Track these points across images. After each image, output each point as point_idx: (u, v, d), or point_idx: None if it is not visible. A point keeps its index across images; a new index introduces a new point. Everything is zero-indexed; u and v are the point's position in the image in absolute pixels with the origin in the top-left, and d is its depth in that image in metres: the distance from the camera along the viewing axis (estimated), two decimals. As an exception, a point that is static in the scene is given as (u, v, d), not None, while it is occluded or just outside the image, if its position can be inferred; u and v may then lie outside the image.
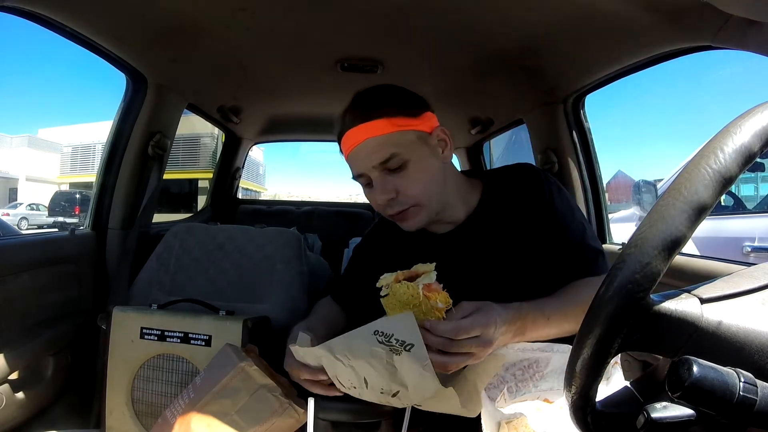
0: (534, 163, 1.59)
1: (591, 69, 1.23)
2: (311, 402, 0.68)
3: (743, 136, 0.32)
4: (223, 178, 2.46)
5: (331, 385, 0.64)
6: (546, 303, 0.66)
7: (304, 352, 0.62)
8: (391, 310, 0.60)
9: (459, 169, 0.86)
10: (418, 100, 0.77)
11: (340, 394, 0.65)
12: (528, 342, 0.65)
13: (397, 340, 0.55)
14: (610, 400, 0.39)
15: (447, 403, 0.58)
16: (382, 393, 0.60)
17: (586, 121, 1.46)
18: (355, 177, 0.77)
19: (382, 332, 0.56)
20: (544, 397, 0.64)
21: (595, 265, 0.72)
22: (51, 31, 1.01)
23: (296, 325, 0.79)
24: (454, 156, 2.57)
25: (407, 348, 0.55)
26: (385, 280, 0.61)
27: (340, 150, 0.79)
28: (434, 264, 0.61)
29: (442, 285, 0.59)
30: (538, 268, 0.74)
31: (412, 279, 0.60)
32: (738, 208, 2.75)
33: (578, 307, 0.65)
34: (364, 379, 0.59)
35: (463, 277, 0.73)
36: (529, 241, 0.76)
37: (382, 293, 0.61)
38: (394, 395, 0.59)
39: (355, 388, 0.62)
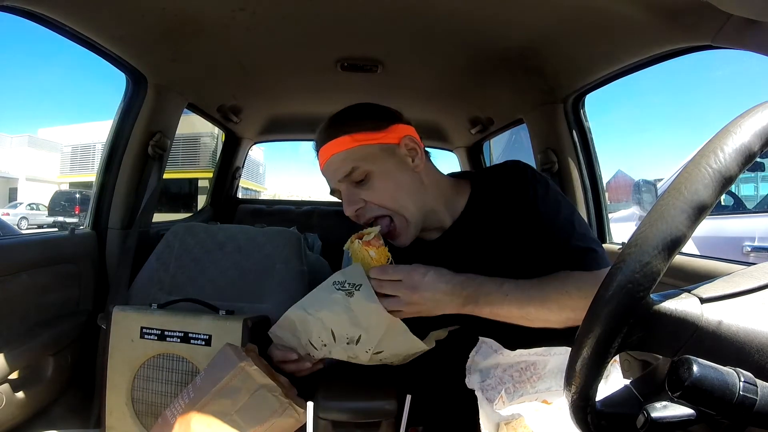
0: (534, 163, 1.60)
1: (591, 69, 1.23)
2: (310, 404, 0.68)
3: (743, 136, 0.32)
4: (223, 177, 2.46)
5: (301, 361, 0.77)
6: (508, 281, 0.68)
7: (278, 327, 0.76)
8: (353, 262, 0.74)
9: (454, 171, 0.88)
10: (385, 113, 0.81)
11: (311, 369, 0.78)
12: (524, 350, 0.65)
13: (350, 284, 0.69)
14: (610, 400, 0.39)
15: (403, 340, 0.69)
16: (348, 344, 0.70)
17: (586, 121, 1.46)
18: (331, 192, 0.83)
19: (338, 281, 0.70)
20: (542, 399, 0.64)
21: (583, 264, 0.71)
22: (51, 31, 1.01)
23: None
24: (454, 156, 2.58)
25: (357, 288, 0.68)
26: (347, 243, 0.75)
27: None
28: (378, 227, 0.75)
29: (382, 241, 0.73)
30: (527, 270, 0.73)
31: (361, 237, 0.74)
32: (738, 208, 2.75)
33: (548, 292, 0.66)
34: (332, 331, 0.70)
35: None
36: (515, 243, 0.76)
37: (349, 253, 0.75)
38: (357, 341, 0.69)
39: (325, 345, 0.72)
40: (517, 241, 0.76)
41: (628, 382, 0.41)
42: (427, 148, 0.84)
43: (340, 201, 0.82)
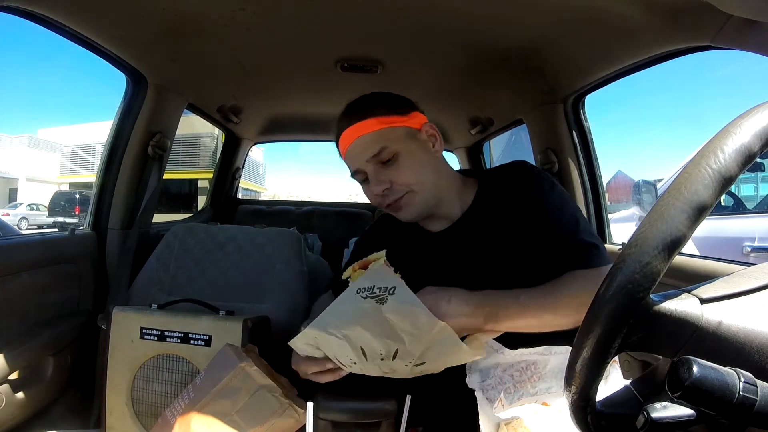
0: (534, 163, 1.60)
1: (591, 69, 1.23)
2: (310, 405, 0.68)
3: (743, 136, 0.32)
4: (223, 178, 2.46)
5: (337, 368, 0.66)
6: (523, 292, 0.66)
7: (299, 340, 0.64)
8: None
9: (457, 168, 0.88)
10: (405, 101, 0.84)
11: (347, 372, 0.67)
12: (525, 349, 0.65)
13: (380, 288, 0.58)
14: (610, 400, 0.39)
15: (449, 348, 0.58)
16: (382, 360, 0.60)
17: (586, 121, 1.46)
18: (353, 174, 0.82)
19: (363, 288, 0.59)
20: (542, 400, 0.64)
21: (587, 259, 0.71)
22: (51, 31, 1.01)
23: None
24: (454, 156, 2.58)
25: (391, 292, 0.57)
26: (347, 272, 0.67)
27: (339, 153, 0.85)
28: (384, 251, 0.66)
29: (393, 268, 0.63)
30: (532, 265, 0.74)
31: (366, 267, 0.65)
32: (738, 208, 2.75)
33: (560, 297, 0.65)
34: (361, 349, 0.60)
35: (459, 274, 0.74)
36: (522, 238, 0.77)
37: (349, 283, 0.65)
38: (394, 356, 0.59)
39: (355, 363, 0.63)
40: (524, 236, 0.76)
41: (628, 382, 0.41)
42: None
43: (340, 201, 0.82)
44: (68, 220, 10.52)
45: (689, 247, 1.65)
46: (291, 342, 0.67)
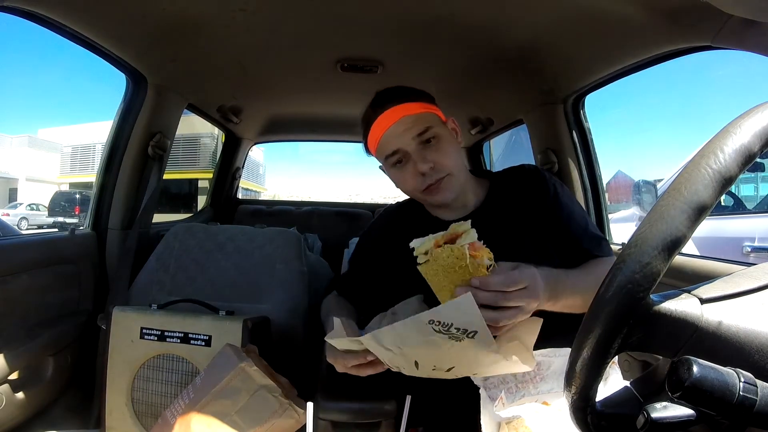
0: (533, 164, 1.60)
1: (591, 69, 1.23)
2: (310, 405, 0.68)
3: (743, 136, 0.32)
4: (223, 178, 2.46)
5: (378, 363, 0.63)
6: (568, 272, 0.69)
7: (345, 343, 0.60)
8: (432, 276, 0.57)
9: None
10: (431, 96, 0.89)
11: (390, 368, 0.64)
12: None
13: (458, 329, 0.51)
14: (610, 400, 0.39)
15: (506, 367, 0.56)
16: (434, 370, 0.59)
17: (586, 121, 1.46)
18: (388, 156, 0.82)
19: (439, 321, 0.51)
20: (542, 400, 0.64)
21: (600, 249, 0.80)
22: (51, 31, 1.01)
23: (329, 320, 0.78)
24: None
25: (470, 336, 0.51)
26: (423, 246, 0.57)
27: (365, 141, 0.86)
28: (469, 221, 0.58)
29: (482, 241, 0.57)
30: (546, 257, 0.78)
31: (452, 241, 0.56)
32: (738, 208, 2.74)
33: (597, 279, 0.64)
34: (415, 362, 0.57)
35: None
36: (536, 232, 0.81)
37: (419, 261, 0.57)
38: (448, 370, 0.59)
39: (404, 369, 0.60)
40: (537, 230, 0.81)
41: (628, 382, 0.41)
42: None
43: (340, 201, 0.82)
44: (68, 220, 10.51)
45: (689, 247, 1.65)
46: (330, 340, 0.62)
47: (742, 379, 0.29)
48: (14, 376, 1.03)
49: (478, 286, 0.54)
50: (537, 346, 0.65)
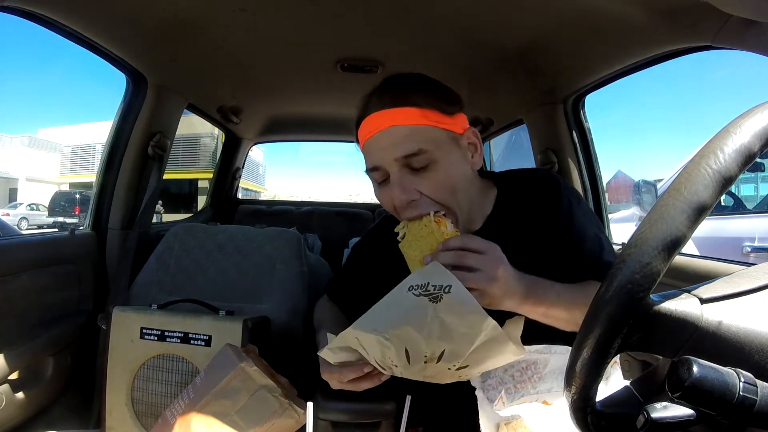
0: (533, 163, 1.60)
1: (591, 69, 1.23)
2: (310, 405, 0.68)
3: (743, 136, 0.32)
4: (223, 178, 2.46)
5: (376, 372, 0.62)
6: (556, 283, 0.63)
7: (336, 344, 0.61)
8: (408, 249, 0.63)
9: None
10: (454, 96, 0.71)
11: (388, 376, 0.63)
12: (525, 346, 0.64)
13: (434, 286, 0.54)
14: (610, 400, 0.39)
15: (496, 348, 0.57)
16: (426, 362, 0.58)
17: (586, 121, 1.46)
18: (369, 170, 0.68)
19: (417, 284, 0.55)
20: (542, 399, 0.64)
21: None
22: (51, 31, 1.01)
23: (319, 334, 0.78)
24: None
25: (446, 290, 0.54)
26: (401, 225, 0.65)
27: (356, 138, 0.71)
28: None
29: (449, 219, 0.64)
30: (549, 276, 0.70)
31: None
32: (738, 208, 2.75)
33: (582, 296, 0.61)
34: (406, 351, 0.57)
35: None
36: (543, 253, 0.72)
37: (399, 238, 0.65)
38: (439, 358, 0.57)
39: (396, 366, 0.60)
40: (544, 249, 0.72)
41: (628, 382, 0.41)
42: None
43: (340, 201, 0.81)
44: (68, 220, 10.52)
45: (689, 247, 1.65)
46: (320, 352, 0.61)
47: (742, 379, 0.29)
48: (14, 376, 1.03)
49: (441, 250, 0.57)
50: (532, 342, 0.65)
